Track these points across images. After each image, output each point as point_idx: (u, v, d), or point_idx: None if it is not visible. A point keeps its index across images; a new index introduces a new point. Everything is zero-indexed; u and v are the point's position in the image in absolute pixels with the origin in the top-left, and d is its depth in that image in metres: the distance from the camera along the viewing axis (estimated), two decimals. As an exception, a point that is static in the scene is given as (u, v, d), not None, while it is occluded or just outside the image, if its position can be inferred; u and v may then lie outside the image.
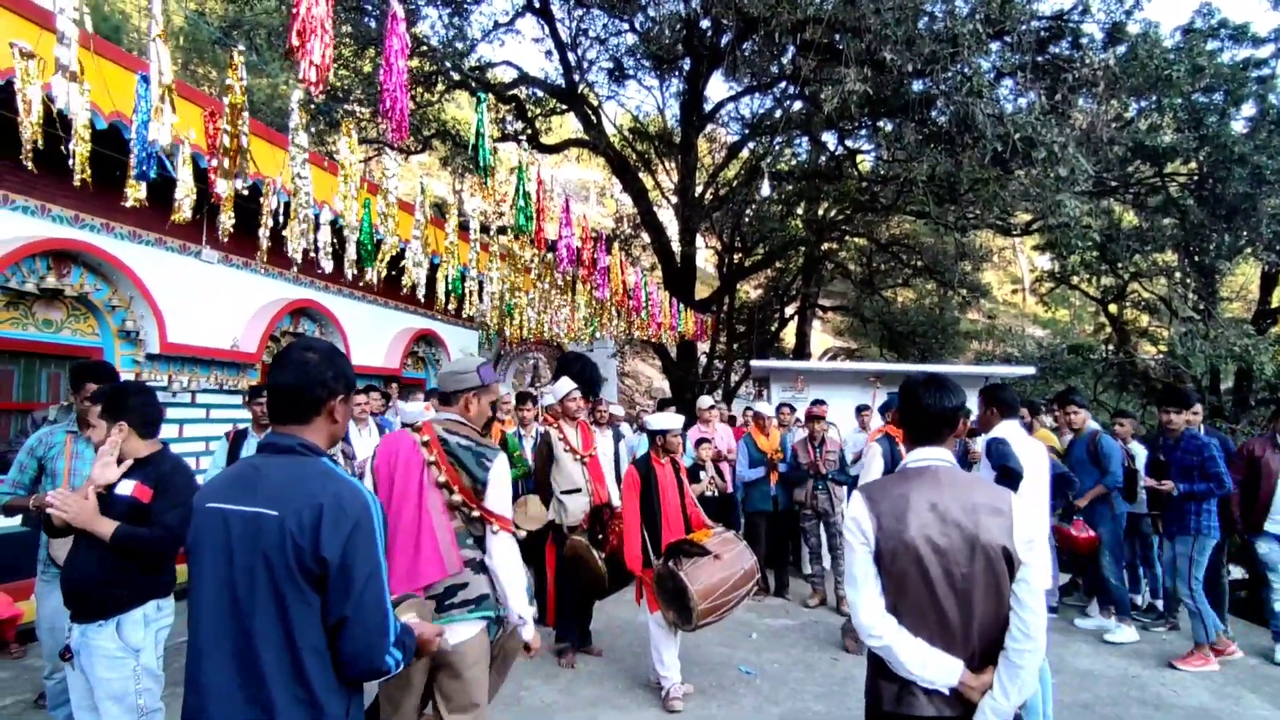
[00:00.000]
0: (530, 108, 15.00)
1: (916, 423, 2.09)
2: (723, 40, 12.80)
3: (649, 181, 16.45)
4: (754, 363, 11.43)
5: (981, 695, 1.88)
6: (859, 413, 7.71)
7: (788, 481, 6.71)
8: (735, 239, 17.55)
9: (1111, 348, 15.68)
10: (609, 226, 19.30)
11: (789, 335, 21.30)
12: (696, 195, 15.25)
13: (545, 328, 9.14)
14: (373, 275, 5.55)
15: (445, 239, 6.61)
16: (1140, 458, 6.18)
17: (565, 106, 14.97)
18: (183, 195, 3.80)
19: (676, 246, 15.22)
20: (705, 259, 22.40)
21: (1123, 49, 10.14)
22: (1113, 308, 16.37)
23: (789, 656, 5.17)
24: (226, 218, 4.07)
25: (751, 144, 16.05)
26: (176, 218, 3.74)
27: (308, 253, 4.58)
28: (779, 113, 13.92)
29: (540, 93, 15.03)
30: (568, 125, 19.52)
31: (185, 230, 6.02)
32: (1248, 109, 12.12)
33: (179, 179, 3.85)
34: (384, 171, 4.94)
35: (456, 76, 12.89)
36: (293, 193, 4.12)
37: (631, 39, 14.28)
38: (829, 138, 14.53)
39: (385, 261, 5.30)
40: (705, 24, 12.77)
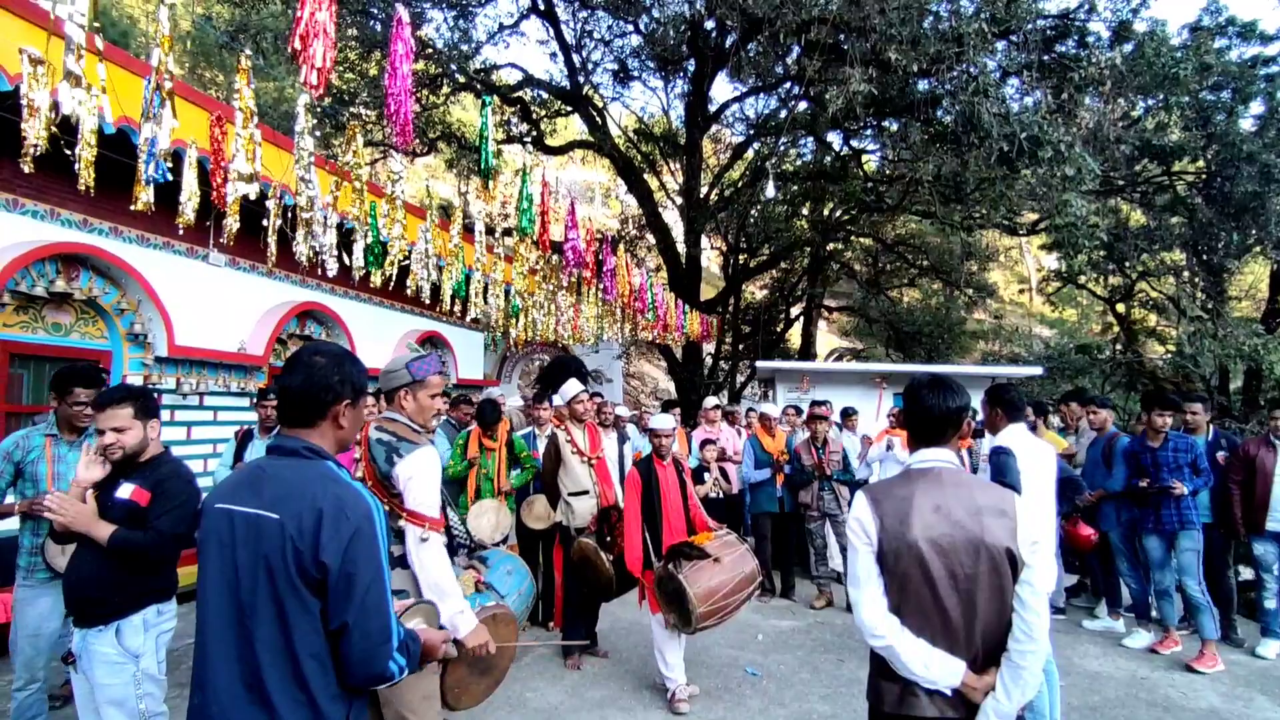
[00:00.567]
0: (535, 110, 15.05)
1: (920, 424, 2.08)
2: (727, 41, 12.82)
3: (654, 183, 16.47)
4: (759, 363, 11.42)
5: (984, 696, 1.88)
6: (844, 417, 7.56)
7: (793, 483, 6.70)
8: (740, 240, 17.55)
9: (1119, 347, 15.60)
10: (614, 228, 19.34)
11: (794, 336, 21.28)
12: (701, 196, 15.26)
13: (551, 330, 9.16)
14: (378, 278, 5.59)
15: (451, 241, 6.64)
16: None
17: (570, 108, 15.02)
18: (187, 199, 3.83)
19: (682, 248, 15.23)
20: (710, 260, 22.42)
21: (1129, 47, 10.10)
22: (1120, 307, 16.30)
23: (795, 658, 5.16)
24: (233, 220, 4.10)
25: (756, 144, 16.06)
26: (182, 221, 3.76)
27: (314, 255, 4.60)
28: (784, 113, 13.92)
29: (545, 95, 15.07)
30: (572, 127, 19.58)
31: (192, 234, 6.06)
32: (1256, 107, 12.07)
33: (184, 183, 3.88)
34: (390, 174, 4.96)
35: (461, 79, 12.96)
36: (299, 196, 4.15)
37: (636, 40, 14.33)
38: (834, 138, 14.52)
39: (392, 264, 5.33)
40: (710, 25, 12.79)
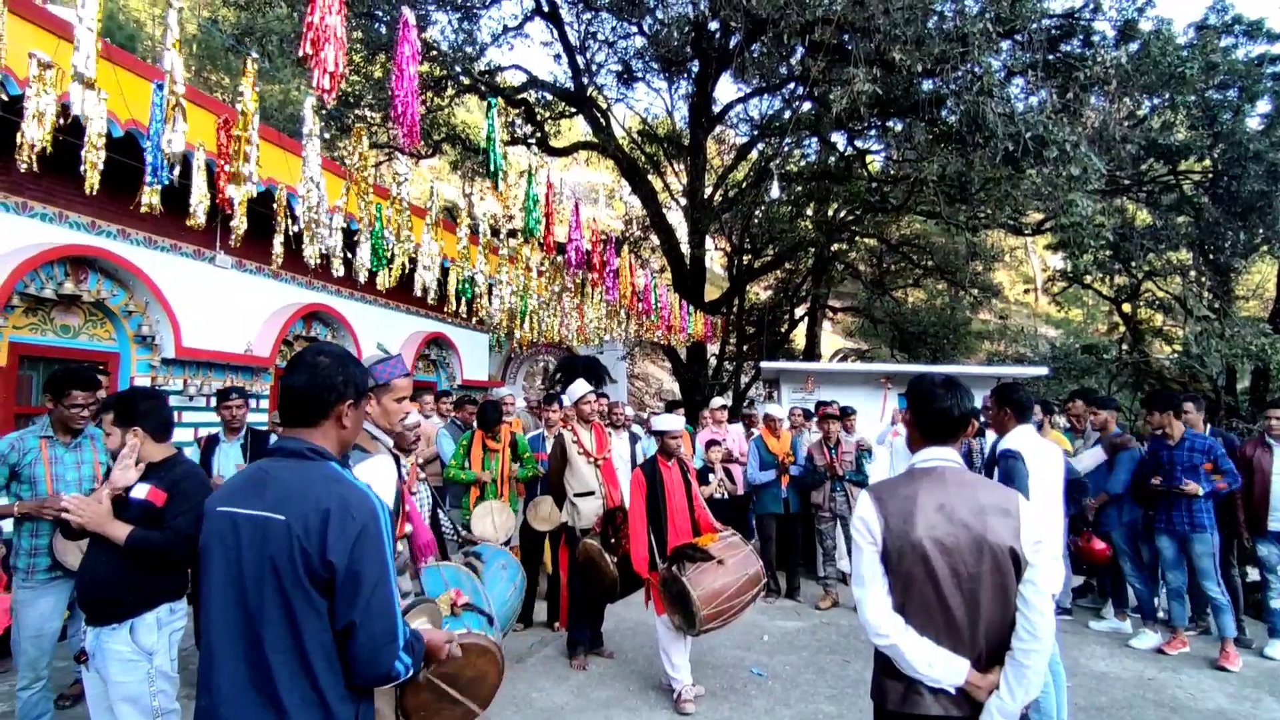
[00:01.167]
0: (539, 111, 15.07)
1: (932, 424, 2.09)
2: (731, 42, 12.81)
3: (658, 184, 16.48)
4: (764, 364, 11.40)
5: (988, 695, 1.89)
6: (843, 416, 7.31)
7: (803, 484, 6.68)
8: (745, 240, 17.53)
9: (1125, 347, 15.54)
10: (618, 229, 19.35)
11: (799, 336, 21.25)
12: (706, 197, 15.26)
13: (556, 330, 9.18)
14: (385, 279, 5.61)
15: (456, 243, 6.67)
16: None
17: (574, 109, 15.03)
18: (197, 201, 3.86)
19: (686, 248, 15.22)
20: (715, 261, 22.41)
21: (1135, 46, 10.07)
22: (1126, 307, 16.23)
23: (800, 659, 5.16)
24: (240, 222, 4.12)
25: (760, 145, 16.05)
26: (193, 223, 3.79)
27: (321, 257, 4.63)
28: (788, 114, 13.93)
29: (549, 96, 15.10)
30: (577, 128, 19.60)
31: (199, 236, 6.09)
32: (1263, 105, 12.01)
33: (193, 185, 3.90)
34: (396, 176, 4.99)
35: (466, 80, 12.99)
36: (305, 198, 4.17)
37: (640, 42, 14.35)
38: (838, 138, 14.52)
39: (397, 265, 5.35)
40: (714, 26, 12.80)
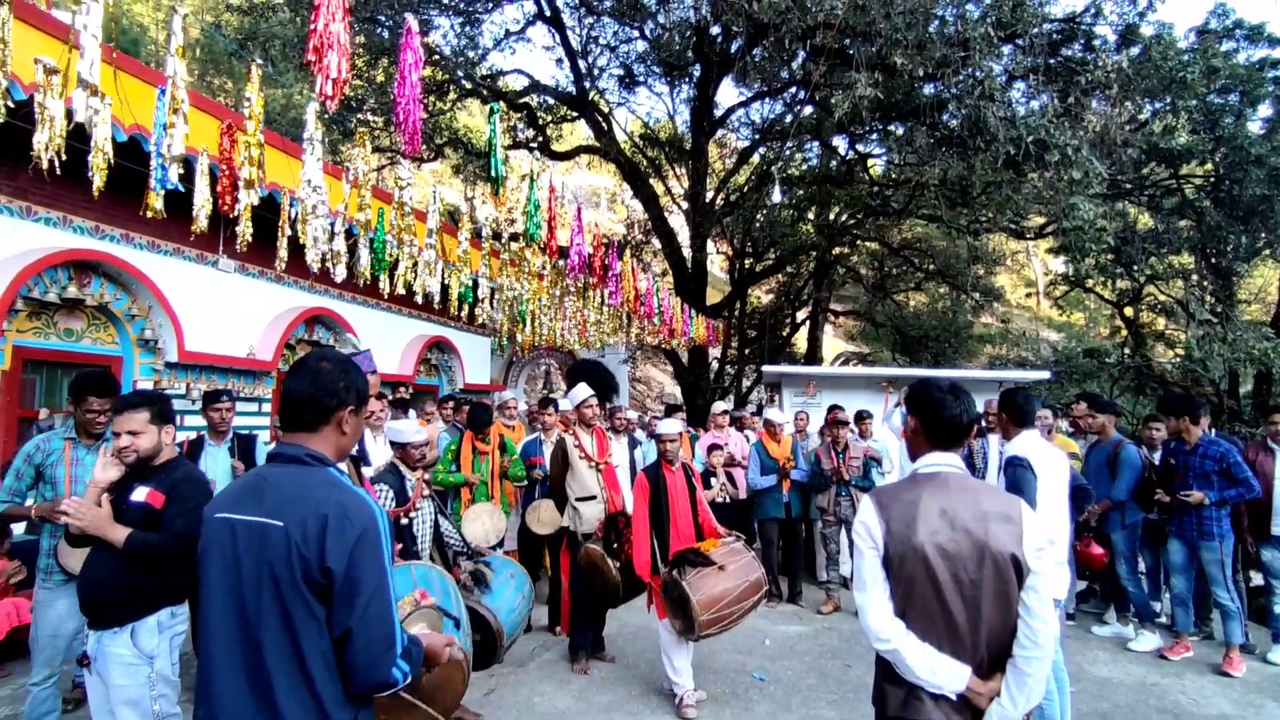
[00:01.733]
0: (541, 115, 15.10)
1: (938, 429, 2.08)
2: (733, 46, 12.84)
3: (660, 187, 16.50)
4: (765, 368, 11.40)
5: (989, 701, 1.88)
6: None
7: (807, 488, 6.67)
8: (746, 244, 17.55)
9: (1127, 351, 15.51)
10: (620, 233, 19.37)
11: (800, 340, 21.24)
12: (707, 201, 15.27)
13: (557, 334, 9.19)
14: (386, 283, 5.62)
15: (458, 246, 6.68)
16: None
17: (576, 114, 15.05)
18: (201, 206, 3.87)
19: (687, 252, 15.24)
20: (716, 264, 22.41)
21: (1136, 51, 10.07)
22: (1128, 311, 16.21)
23: (802, 663, 5.15)
24: (246, 227, 4.13)
25: (762, 149, 16.07)
26: (196, 228, 3.80)
27: (323, 261, 4.63)
28: (789, 118, 13.94)
29: (551, 100, 15.13)
30: (578, 132, 19.64)
31: (202, 240, 6.11)
32: (1264, 109, 12.02)
33: (197, 190, 3.91)
34: (398, 180, 5.00)
35: (468, 85, 13.02)
36: (308, 202, 4.18)
37: (642, 46, 14.38)
38: (840, 142, 14.53)
39: (399, 269, 5.36)
40: (715, 30, 12.82)
